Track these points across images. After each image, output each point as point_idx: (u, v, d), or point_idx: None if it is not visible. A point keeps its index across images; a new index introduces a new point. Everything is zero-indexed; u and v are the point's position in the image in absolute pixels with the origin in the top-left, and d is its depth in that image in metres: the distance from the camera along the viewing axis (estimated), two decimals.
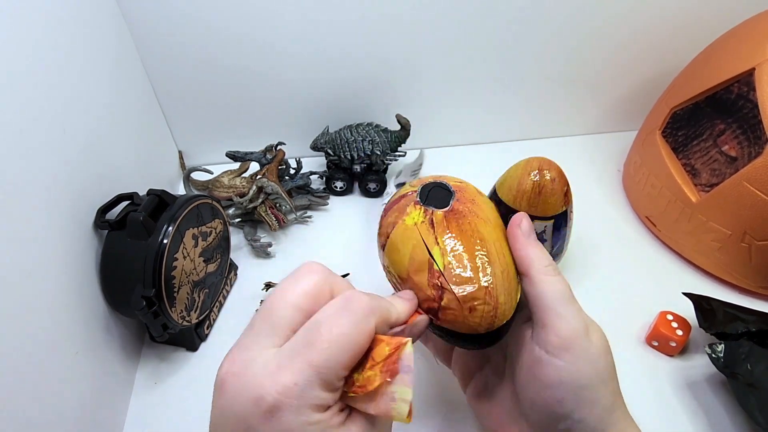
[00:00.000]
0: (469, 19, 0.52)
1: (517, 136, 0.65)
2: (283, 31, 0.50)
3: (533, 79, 0.59)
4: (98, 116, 0.40)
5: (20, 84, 0.30)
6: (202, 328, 0.43)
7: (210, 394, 0.22)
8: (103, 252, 0.37)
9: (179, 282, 0.37)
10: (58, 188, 0.33)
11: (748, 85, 0.42)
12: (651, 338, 0.42)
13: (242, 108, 0.57)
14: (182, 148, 0.59)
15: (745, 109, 0.42)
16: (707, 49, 0.50)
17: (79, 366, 0.33)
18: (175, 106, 0.55)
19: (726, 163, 0.44)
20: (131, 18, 0.47)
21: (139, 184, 0.45)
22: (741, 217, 0.43)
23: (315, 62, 0.54)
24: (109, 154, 0.41)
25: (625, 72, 0.60)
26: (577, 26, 0.55)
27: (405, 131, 0.55)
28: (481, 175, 0.53)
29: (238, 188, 0.52)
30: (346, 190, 0.58)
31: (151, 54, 0.50)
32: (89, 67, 0.39)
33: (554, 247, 0.43)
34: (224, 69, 0.53)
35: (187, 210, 0.38)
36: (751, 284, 0.46)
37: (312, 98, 0.57)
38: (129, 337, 0.41)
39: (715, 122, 0.46)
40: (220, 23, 0.49)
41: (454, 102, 0.60)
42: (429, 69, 0.56)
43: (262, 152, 0.53)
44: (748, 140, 0.42)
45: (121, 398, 0.39)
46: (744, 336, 0.38)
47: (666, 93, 0.53)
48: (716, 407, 0.39)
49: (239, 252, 0.51)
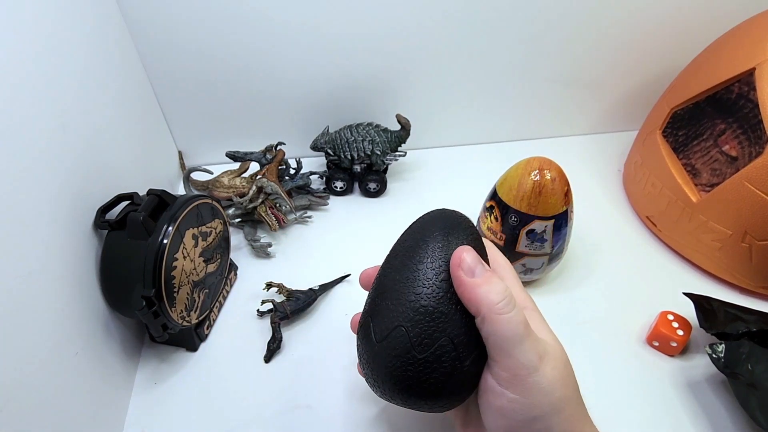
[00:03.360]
0: (470, 20, 0.52)
1: (517, 136, 0.65)
2: (283, 31, 0.50)
3: (533, 80, 0.59)
4: (98, 116, 0.40)
5: (20, 84, 0.30)
6: (202, 329, 0.43)
7: (209, 394, 0.22)
8: (103, 252, 0.37)
9: (179, 282, 0.37)
10: (58, 188, 0.33)
11: (749, 85, 0.42)
12: (652, 338, 0.42)
13: (242, 108, 0.57)
14: (182, 148, 0.59)
15: (746, 108, 0.42)
16: (707, 49, 0.50)
17: (79, 366, 0.33)
18: (175, 106, 0.55)
19: (726, 163, 0.44)
20: (131, 18, 0.47)
21: (139, 184, 0.45)
22: (741, 217, 0.43)
23: (315, 62, 0.54)
24: (109, 154, 0.41)
25: (626, 72, 0.60)
26: (577, 26, 0.55)
27: (405, 131, 0.55)
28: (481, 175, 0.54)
29: (238, 188, 0.52)
30: (346, 190, 0.58)
31: (151, 54, 0.50)
32: (89, 66, 0.39)
33: (554, 247, 0.43)
34: (224, 69, 0.53)
35: (187, 210, 0.38)
36: (752, 284, 0.46)
37: (312, 98, 0.57)
38: (129, 337, 0.41)
39: (716, 122, 0.46)
40: (220, 23, 0.49)
41: (454, 102, 0.60)
42: (429, 69, 0.56)
43: (262, 152, 0.53)
44: (749, 140, 0.42)
45: (121, 398, 0.39)
46: (744, 336, 0.38)
47: (666, 93, 0.53)
48: (717, 407, 0.39)
49: (239, 252, 0.51)
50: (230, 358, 0.42)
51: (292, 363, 0.42)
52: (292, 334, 0.44)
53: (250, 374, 0.41)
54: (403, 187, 0.59)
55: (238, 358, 0.42)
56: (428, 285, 0.26)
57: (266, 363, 0.42)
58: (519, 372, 0.25)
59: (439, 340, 0.26)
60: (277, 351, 0.42)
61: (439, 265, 0.27)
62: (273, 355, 0.42)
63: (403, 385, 0.26)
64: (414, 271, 0.27)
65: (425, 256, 0.27)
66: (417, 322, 0.26)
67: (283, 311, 0.43)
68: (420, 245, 0.28)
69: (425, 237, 0.28)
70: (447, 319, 0.26)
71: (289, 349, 0.43)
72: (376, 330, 0.27)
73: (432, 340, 0.25)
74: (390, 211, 0.56)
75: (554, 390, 0.25)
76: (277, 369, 0.42)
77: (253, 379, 0.41)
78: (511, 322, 0.25)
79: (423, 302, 0.26)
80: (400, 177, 0.60)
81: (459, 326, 0.26)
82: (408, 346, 0.26)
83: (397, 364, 0.26)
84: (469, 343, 0.26)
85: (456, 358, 0.26)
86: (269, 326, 0.43)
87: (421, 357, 0.25)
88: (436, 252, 0.27)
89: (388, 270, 0.29)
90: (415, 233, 0.29)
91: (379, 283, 0.29)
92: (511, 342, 0.25)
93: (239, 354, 0.42)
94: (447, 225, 0.29)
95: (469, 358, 0.26)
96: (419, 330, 0.26)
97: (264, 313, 0.45)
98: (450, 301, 0.26)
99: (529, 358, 0.25)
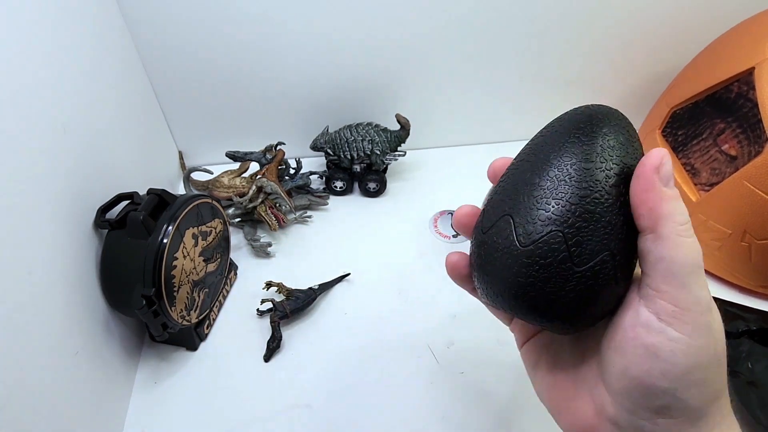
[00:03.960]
0: (470, 20, 0.52)
1: (517, 136, 0.65)
2: (283, 32, 0.51)
3: (533, 80, 0.59)
4: (99, 116, 0.40)
5: (21, 84, 0.30)
6: (201, 328, 0.43)
7: (209, 394, 0.22)
8: (103, 251, 0.37)
9: (179, 281, 0.37)
10: (58, 188, 0.33)
11: (748, 84, 0.42)
12: None
13: (242, 108, 0.57)
14: (182, 148, 0.60)
15: (745, 108, 0.42)
16: (707, 49, 0.50)
17: (79, 365, 0.33)
18: (175, 106, 0.56)
19: (726, 162, 0.44)
20: (131, 18, 0.47)
21: (139, 183, 0.45)
22: (741, 216, 0.43)
23: (315, 63, 0.54)
24: (109, 153, 0.41)
25: (625, 72, 0.60)
26: (576, 27, 0.55)
27: (405, 131, 0.55)
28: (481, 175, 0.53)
29: (238, 188, 0.52)
30: (346, 190, 0.58)
31: (151, 54, 0.50)
32: (90, 67, 0.39)
33: None
34: (224, 69, 0.53)
35: (187, 210, 0.38)
36: (752, 283, 0.46)
37: (312, 98, 0.57)
38: (129, 337, 0.41)
39: (715, 121, 0.46)
40: (221, 24, 0.49)
41: (454, 102, 0.60)
42: (429, 69, 0.56)
43: (262, 152, 0.53)
44: (748, 139, 0.42)
45: (121, 398, 0.39)
46: (745, 334, 0.38)
47: (666, 92, 0.53)
48: None
49: (239, 252, 0.51)
50: (230, 358, 0.42)
51: (292, 362, 0.42)
52: (292, 334, 0.44)
53: (249, 373, 0.41)
54: (402, 187, 0.59)
55: (237, 358, 0.42)
56: (597, 188, 0.22)
57: (266, 362, 0.42)
58: (692, 307, 0.21)
59: (602, 253, 0.22)
60: (276, 350, 0.42)
61: (610, 167, 0.22)
62: (273, 355, 0.42)
63: (546, 300, 0.23)
64: (579, 170, 0.22)
65: (593, 153, 0.23)
66: (580, 229, 0.22)
67: (283, 310, 0.43)
68: (584, 141, 0.23)
69: (592, 132, 0.23)
70: (613, 231, 0.22)
71: (289, 348, 0.43)
72: (520, 231, 0.23)
73: (594, 253, 0.22)
74: (390, 211, 0.56)
75: (721, 338, 0.21)
76: (277, 368, 0.42)
77: (253, 378, 0.41)
78: (692, 248, 0.21)
79: (590, 207, 0.22)
80: (399, 177, 0.60)
81: (622, 242, 0.22)
82: (566, 256, 0.22)
83: (545, 274, 0.22)
84: (628, 263, 0.23)
85: (613, 277, 0.22)
86: (269, 325, 0.43)
87: (579, 270, 0.22)
88: (606, 151, 0.23)
89: (538, 163, 0.24)
90: (573, 125, 0.24)
91: (521, 176, 0.24)
92: (689, 271, 0.21)
93: (239, 353, 0.42)
94: (617, 124, 0.24)
95: (625, 281, 0.23)
96: (581, 239, 0.22)
97: (264, 312, 0.45)
98: (618, 211, 0.22)
99: (705, 294, 0.21)
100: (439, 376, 0.41)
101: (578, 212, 0.22)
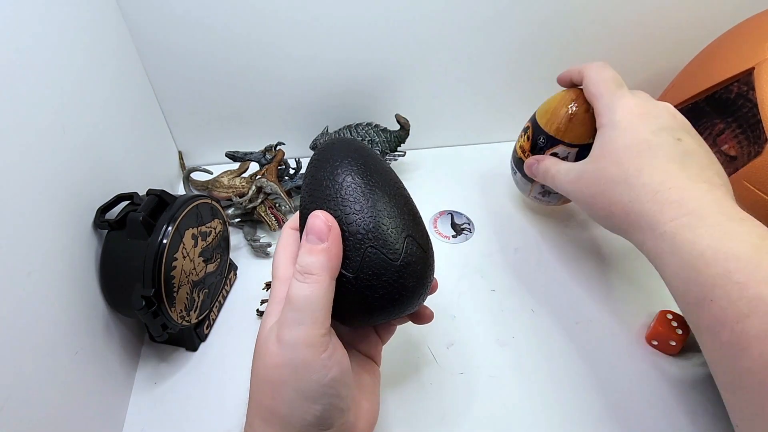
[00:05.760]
0: (470, 20, 0.52)
1: (516, 137, 0.65)
2: (283, 31, 0.51)
3: (533, 80, 0.59)
4: (98, 116, 0.40)
5: (19, 84, 0.30)
6: (201, 328, 0.43)
7: (209, 394, 0.22)
8: (103, 252, 0.37)
9: (179, 282, 0.37)
10: (57, 188, 0.33)
11: (748, 85, 0.42)
12: (651, 337, 0.42)
13: (242, 108, 0.57)
14: (182, 148, 0.60)
15: (745, 108, 0.42)
16: (707, 49, 0.50)
17: (78, 366, 0.33)
18: (175, 106, 0.56)
19: (725, 163, 0.44)
20: (131, 18, 0.47)
21: (139, 184, 0.45)
22: None
23: (315, 62, 0.54)
24: (108, 153, 0.41)
25: (625, 71, 0.60)
26: (576, 27, 0.55)
27: (404, 131, 0.55)
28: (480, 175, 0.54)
29: (237, 188, 0.52)
30: None
31: (151, 54, 0.50)
32: (89, 66, 0.39)
33: None
34: (224, 69, 0.53)
35: (186, 210, 0.38)
36: None
37: (312, 98, 0.57)
38: (129, 337, 0.41)
39: (715, 121, 0.46)
40: (220, 23, 0.49)
41: (454, 102, 0.60)
42: (429, 69, 0.56)
43: (261, 152, 0.53)
44: (748, 139, 0.42)
45: (121, 398, 0.39)
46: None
47: (665, 92, 0.53)
48: (716, 407, 0.39)
49: (239, 252, 0.51)
50: (230, 358, 0.42)
51: None
52: None
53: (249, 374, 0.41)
54: None
55: (237, 358, 0.42)
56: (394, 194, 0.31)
57: None
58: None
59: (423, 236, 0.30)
60: None
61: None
62: None
63: (421, 287, 0.29)
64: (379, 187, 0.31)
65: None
66: (417, 226, 0.30)
67: None
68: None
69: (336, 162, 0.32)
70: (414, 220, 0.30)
71: None
72: (399, 248, 0.28)
73: (427, 239, 0.30)
74: None
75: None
76: None
77: None
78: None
79: (409, 208, 0.30)
80: (399, 177, 0.60)
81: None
82: (422, 253, 0.29)
83: (419, 268, 0.29)
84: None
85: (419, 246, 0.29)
86: None
87: (425, 255, 0.29)
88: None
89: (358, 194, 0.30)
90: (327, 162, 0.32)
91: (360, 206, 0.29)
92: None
93: (239, 354, 0.42)
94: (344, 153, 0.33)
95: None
96: (420, 232, 0.29)
97: (264, 312, 0.45)
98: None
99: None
100: (438, 376, 0.41)
101: (407, 218, 0.30)
